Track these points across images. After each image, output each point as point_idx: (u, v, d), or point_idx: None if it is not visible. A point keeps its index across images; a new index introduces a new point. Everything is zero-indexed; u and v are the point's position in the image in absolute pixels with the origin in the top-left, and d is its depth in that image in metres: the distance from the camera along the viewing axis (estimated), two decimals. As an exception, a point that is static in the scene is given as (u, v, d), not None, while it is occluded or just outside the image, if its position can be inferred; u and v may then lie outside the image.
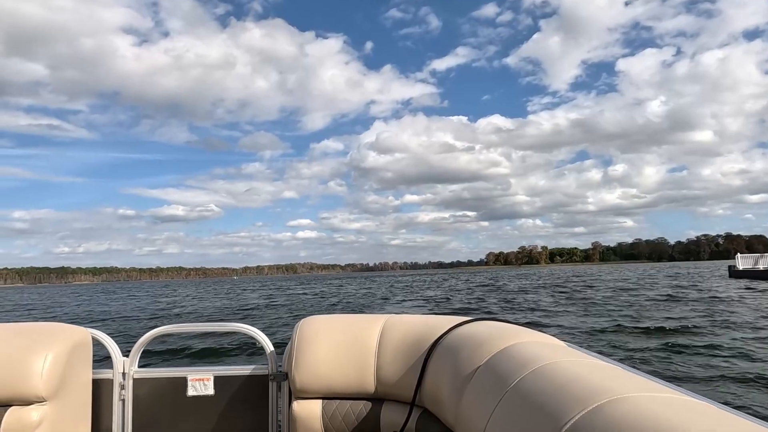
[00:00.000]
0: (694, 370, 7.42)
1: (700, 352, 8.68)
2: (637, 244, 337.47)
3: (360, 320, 1.94)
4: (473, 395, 1.26)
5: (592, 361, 1.15)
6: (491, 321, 1.68)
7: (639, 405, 0.79)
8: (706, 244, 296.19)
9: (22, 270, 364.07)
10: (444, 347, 1.61)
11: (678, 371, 7.40)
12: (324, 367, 1.80)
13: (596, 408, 0.82)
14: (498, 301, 22.75)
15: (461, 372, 1.38)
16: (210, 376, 2.11)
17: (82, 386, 1.97)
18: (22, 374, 1.71)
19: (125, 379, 2.12)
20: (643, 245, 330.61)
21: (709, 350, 8.81)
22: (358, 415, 1.78)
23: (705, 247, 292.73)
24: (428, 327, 1.76)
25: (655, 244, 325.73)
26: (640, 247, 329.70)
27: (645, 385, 0.92)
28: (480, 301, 22.85)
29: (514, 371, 1.12)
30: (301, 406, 1.83)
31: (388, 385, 1.76)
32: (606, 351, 9.11)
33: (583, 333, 11.54)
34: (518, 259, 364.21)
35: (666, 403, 0.81)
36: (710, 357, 8.32)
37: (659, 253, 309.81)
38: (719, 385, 6.50)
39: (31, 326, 1.90)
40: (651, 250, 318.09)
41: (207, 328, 2.38)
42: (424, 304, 23.30)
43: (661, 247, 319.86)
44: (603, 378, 0.95)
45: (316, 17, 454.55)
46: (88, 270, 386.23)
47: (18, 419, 1.70)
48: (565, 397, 0.90)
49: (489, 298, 25.06)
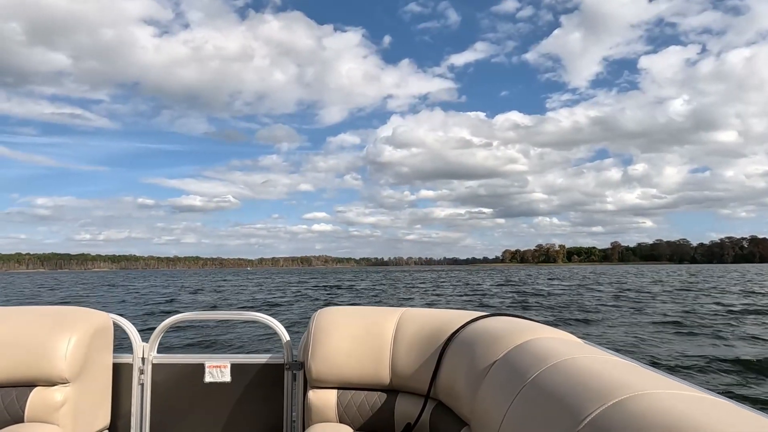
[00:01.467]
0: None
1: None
2: (657, 245, 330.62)
3: (376, 312, 1.97)
4: (489, 389, 1.26)
5: (610, 357, 1.15)
6: (507, 316, 1.68)
7: (659, 401, 0.79)
8: (730, 247, 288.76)
9: (44, 256, 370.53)
10: (460, 341, 1.61)
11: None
12: (340, 358, 1.83)
13: (616, 404, 0.81)
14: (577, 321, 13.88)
15: (477, 366, 1.39)
16: (227, 364, 2.14)
17: (103, 369, 2.04)
18: (47, 356, 1.77)
19: (144, 364, 2.16)
20: (664, 246, 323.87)
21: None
22: (372, 406, 1.81)
23: (729, 250, 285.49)
24: (444, 321, 1.77)
25: (676, 246, 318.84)
26: (661, 248, 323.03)
27: (664, 382, 0.92)
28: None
29: (532, 366, 1.12)
30: (317, 395, 1.87)
31: (403, 377, 1.78)
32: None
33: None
34: (535, 257, 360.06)
35: (686, 399, 0.80)
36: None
37: (681, 255, 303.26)
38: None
39: (55, 309, 1.96)
40: (672, 252, 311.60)
41: (225, 316, 2.39)
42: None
43: (683, 248, 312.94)
44: (622, 374, 0.95)
45: (335, 10, 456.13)
46: (107, 257, 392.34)
47: (42, 399, 1.77)
48: (583, 392, 0.89)
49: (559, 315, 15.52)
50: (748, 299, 20.29)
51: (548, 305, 18.69)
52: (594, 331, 11.44)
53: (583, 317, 14.40)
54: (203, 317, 2.33)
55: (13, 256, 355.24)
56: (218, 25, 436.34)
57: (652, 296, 22.54)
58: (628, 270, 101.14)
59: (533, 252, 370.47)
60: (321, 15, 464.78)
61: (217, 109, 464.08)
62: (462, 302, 21.35)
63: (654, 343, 9.75)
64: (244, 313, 2.24)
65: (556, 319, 14.13)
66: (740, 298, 21.19)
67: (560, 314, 15.43)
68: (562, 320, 13.83)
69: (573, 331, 1.60)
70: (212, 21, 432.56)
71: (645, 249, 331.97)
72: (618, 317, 14.31)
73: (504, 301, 21.34)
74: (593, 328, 12.18)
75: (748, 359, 7.86)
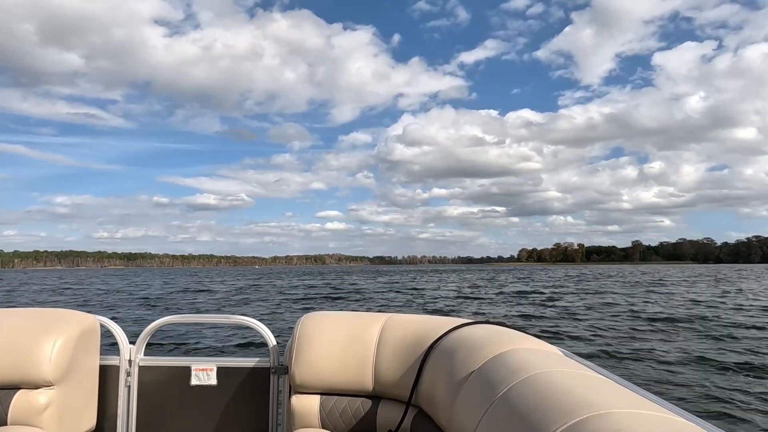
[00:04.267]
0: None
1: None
2: (680, 244, 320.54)
3: (361, 318, 1.95)
4: (466, 399, 1.26)
5: (583, 372, 1.14)
6: (491, 324, 1.67)
7: (620, 422, 0.78)
8: (758, 246, 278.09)
9: (61, 253, 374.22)
10: (442, 349, 1.60)
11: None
12: (323, 363, 1.82)
13: (577, 423, 0.81)
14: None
15: (456, 375, 1.38)
16: (213, 367, 2.13)
17: (90, 372, 2.02)
18: (31, 358, 1.75)
19: (131, 366, 2.15)
20: (687, 245, 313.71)
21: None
22: (355, 412, 1.80)
23: (756, 249, 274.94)
24: (428, 327, 1.76)
25: (700, 245, 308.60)
26: (684, 247, 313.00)
27: (633, 400, 0.90)
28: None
29: (505, 378, 1.13)
30: (300, 401, 1.85)
31: (385, 383, 1.77)
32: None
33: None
34: (552, 256, 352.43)
35: (648, 420, 0.80)
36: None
37: (705, 254, 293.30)
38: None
39: (41, 311, 1.95)
40: (696, 251, 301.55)
41: (212, 319, 2.39)
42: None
43: (708, 247, 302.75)
44: (590, 391, 0.95)
45: (343, 8, 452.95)
46: (123, 255, 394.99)
47: (26, 402, 1.76)
48: (549, 409, 0.90)
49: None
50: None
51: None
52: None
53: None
54: (191, 320, 2.33)
55: (31, 254, 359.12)
56: (227, 24, 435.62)
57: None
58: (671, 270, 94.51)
59: (551, 251, 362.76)
60: (329, 13, 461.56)
61: (229, 108, 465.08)
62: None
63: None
64: (231, 317, 2.23)
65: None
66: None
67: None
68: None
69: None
70: (220, 20, 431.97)
71: (667, 248, 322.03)
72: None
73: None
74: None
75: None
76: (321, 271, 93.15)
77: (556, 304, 19.14)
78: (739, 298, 21.04)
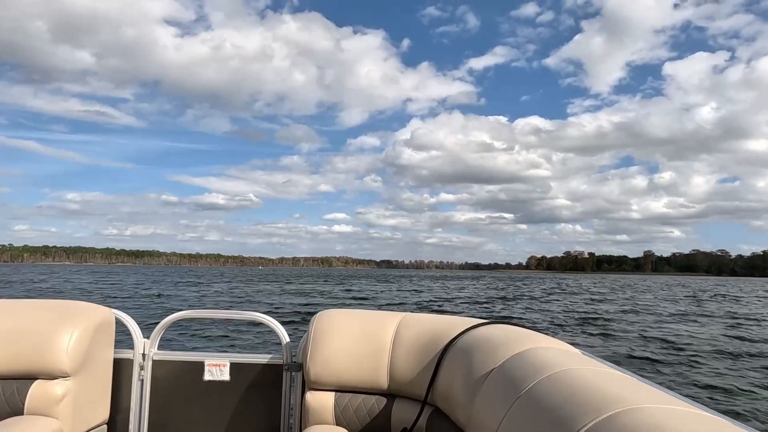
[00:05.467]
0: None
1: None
2: (693, 255, 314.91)
3: (376, 316, 1.97)
4: (486, 397, 1.26)
5: (607, 370, 1.14)
6: (507, 325, 1.68)
7: (653, 416, 0.78)
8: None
9: (70, 249, 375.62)
10: (459, 348, 1.61)
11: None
12: (338, 360, 1.84)
13: (609, 417, 0.81)
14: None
15: (475, 373, 1.38)
16: (226, 362, 2.15)
17: (104, 364, 2.06)
18: (49, 349, 1.79)
19: (145, 360, 2.18)
20: (701, 256, 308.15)
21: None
22: (369, 410, 1.81)
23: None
24: (443, 327, 1.77)
25: (714, 257, 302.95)
26: (698, 258, 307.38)
27: (660, 397, 0.91)
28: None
29: (529, 376, 1.12)
30: (314, 397, 1.87)
31: (400, 381, 1.78)
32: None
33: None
34: (562, 264, 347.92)
35: (681, 416, 0.79)
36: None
37: (719, 266, 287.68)
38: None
39: (58, 303, 1.98)
40: (710, 263, 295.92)
41: (226, 315, 2.40)
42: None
43: (722, 259, 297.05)
44: (618, 387, 0.95)
45: (352, 12, 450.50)
46: (130, 252, 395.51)
47: (43, 392, 1.78)
48: (578, 404, 0.89)
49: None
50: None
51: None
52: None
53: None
54: (205, 315, 2.41)
55: (41, 249, 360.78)
56: (238, 25, 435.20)
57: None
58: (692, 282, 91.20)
59: (561, 259, 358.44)
60: (339, 16, 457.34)
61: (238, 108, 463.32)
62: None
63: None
64: (244, 313, 2.25)
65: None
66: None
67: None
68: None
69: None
70: (231, 21, 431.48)
71: (680, 259, 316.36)
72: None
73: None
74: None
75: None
76: (328, 274, 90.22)
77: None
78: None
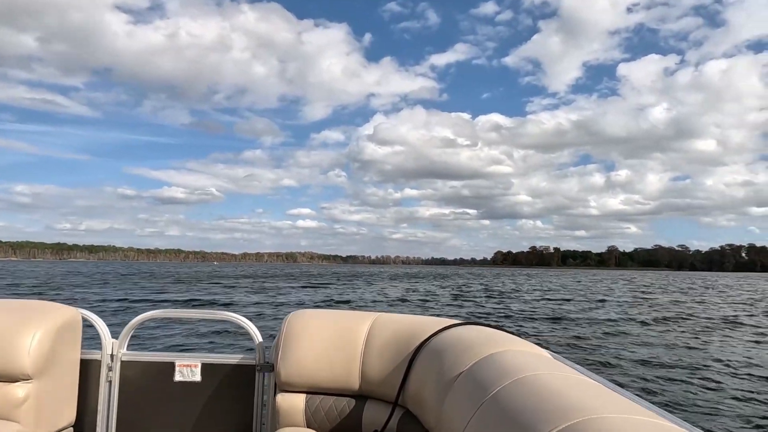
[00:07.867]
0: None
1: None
2: (656, 250, 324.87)
3: (349, 317, 1.92)
4: (454, 400, 1.24)
5: (574, 375, 1.12)
6: (480, 326, 1.64)
7: (611, 427, 0.77)
8: (731, 255, 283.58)
9: (17, 244, 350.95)
10: (430, 349, 1.58)
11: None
12: (310, 362, 1.80)
13: (569, 427, 0.80)
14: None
15: (445, 375, 1.36)
16: (198, 363, 2.09)
17: (70, 365, 1.97)
18: (9, 351, 1.71)
19: (113, 361, 2.10)
20: (662, 252, 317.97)
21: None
22: (340, 412, 1.78)
23: (730, 258, 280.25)
24: (416, 327, 1.73)
25: (675, 252, 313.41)
26: (660, 253, 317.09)
27: (624, 405, 0.89)
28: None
29: (495, 380, 1.11)
30: (285, 399, 1.83)
31: (372, 383, 1.75)
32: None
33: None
34: (528, 259, 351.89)
35: (641, 426, 0.79)
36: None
37: (680, 261, 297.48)
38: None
39: (21, 303, 1.90)
40: (671, 258, 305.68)
41: (197, 314, 2.34)
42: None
43: (682, 254, 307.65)
44: (581, 394, 0.93)
45: (312, 5, 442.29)
46: (84, 248, 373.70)
47: (3, 396, 1.72)
48: (540, 411, 0.88)
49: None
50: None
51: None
52: None
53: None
54: (176, 315, 2.30)
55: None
56: (193, 14, 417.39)
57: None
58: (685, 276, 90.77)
59: (527, 254, 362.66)
60: (298, 8, 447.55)
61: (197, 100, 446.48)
62: None
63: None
64: (217, 312, 2.19)
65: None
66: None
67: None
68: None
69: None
70: (187, 9, 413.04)
71: (643, 254, 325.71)
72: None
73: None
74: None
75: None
76: (291, 273, 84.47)
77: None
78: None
